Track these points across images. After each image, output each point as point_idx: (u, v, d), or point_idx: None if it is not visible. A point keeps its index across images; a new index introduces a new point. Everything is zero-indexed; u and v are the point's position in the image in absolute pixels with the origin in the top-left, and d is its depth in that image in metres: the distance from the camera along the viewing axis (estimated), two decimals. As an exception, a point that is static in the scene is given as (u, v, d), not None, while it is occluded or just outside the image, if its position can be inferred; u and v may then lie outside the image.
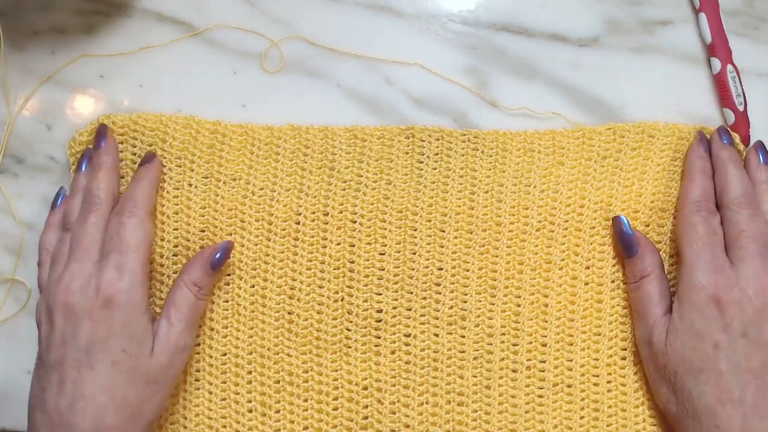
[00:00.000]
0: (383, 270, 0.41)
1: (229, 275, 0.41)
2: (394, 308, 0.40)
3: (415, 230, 0.41)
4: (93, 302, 0.36)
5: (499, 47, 0.44)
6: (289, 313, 0.40)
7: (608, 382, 0.40)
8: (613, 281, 0.41)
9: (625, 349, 0.40)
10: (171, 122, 0.41)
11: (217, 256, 0.39)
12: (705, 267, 0.37)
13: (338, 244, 0.41)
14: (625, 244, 0.40)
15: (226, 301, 0.40)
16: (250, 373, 0.40)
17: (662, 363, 0.37)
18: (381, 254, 0.41)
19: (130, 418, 0.35)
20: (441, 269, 0.41)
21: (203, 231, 0.41)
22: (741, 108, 0.43)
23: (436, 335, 0.40)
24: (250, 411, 0.40)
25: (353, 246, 0.41)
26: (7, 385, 0.41)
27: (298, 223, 0.41)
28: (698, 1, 0.44)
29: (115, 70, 0.43)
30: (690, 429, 0.37)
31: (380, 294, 0.40)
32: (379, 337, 0.40)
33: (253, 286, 0.41)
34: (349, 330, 0.40)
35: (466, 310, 0.40)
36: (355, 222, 0.41)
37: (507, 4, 0.45)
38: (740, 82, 0.43)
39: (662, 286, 0.39)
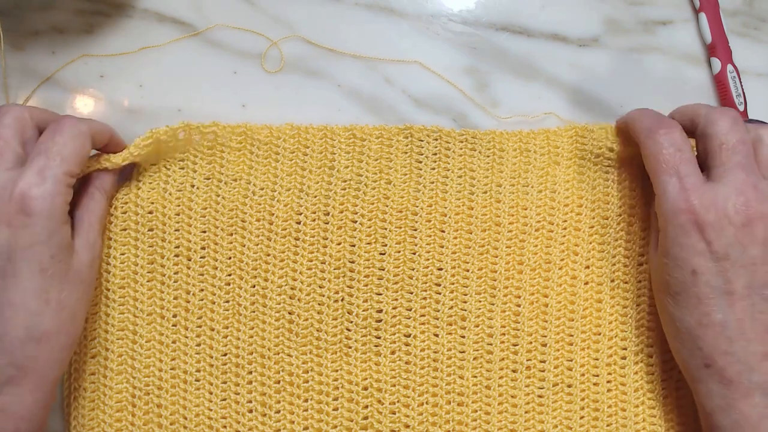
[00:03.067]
0: (383, 270, 0.41)
1: (229, 275, 0.41)
2: (394, 308, 0.40)
3: (415, 230, 0.41)
4: (8, 206, 0.33)
5: (499, 47, 0.44)
6: (289, 313, 0.40)
7: (608, 382, 0.40)
8: (612, 280, 0.41)
9: (625, 349, 0.40)
10: (166, 135, 0.40)
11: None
12: (674, 191, 0.35)
13: (339, 243, 0.41)
14: None
15: (227, 302, 0.40)
16: (250, 373, 0.40)
17: (653, 280, 0.38)
18: (381, 254, 0.41)
19: (68, 320, 0.35)
20: (441, 269, 0.41)
21: (204, 232, 0.41)
22: (741, 108, 0.43)
23: (436, 335, 0.40)
24: (250, 411, 0.40)
25: (353, 246, 0.41)
26: (7, 385, 0.41)
27: (299, 223, 0.41)
28: (698, 1, 0.44)
29: (115, 70, 0.43)
30: (675, 348, 0.36)
31: (380, 294, 0.41)
32: (379, 337, 0.40)
33: (254, 286, 0.41)
34: (349, 330, 0.40)
35: (466, 310, 0.40)
36: (355, 222, 0.41)
37: (507, 4, 0.45)
38: (740, 82, 0.43)
39: None
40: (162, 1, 0.44)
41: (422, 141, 0.42)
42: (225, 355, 0.40)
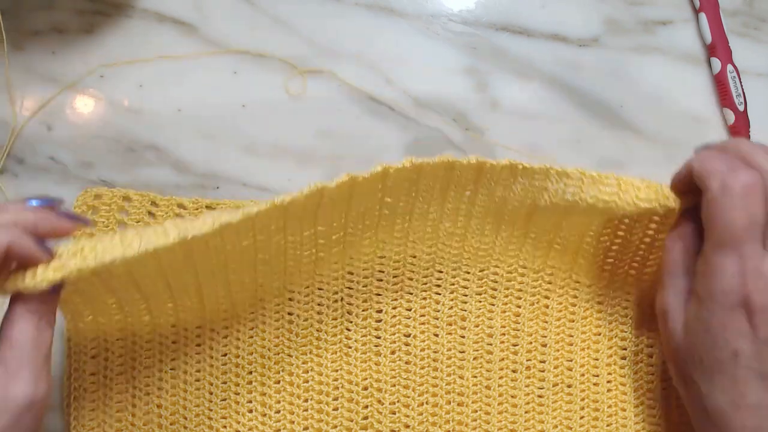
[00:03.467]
0: (383, 272, 0.41)
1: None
2: (394, 308, 0.40)
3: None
4: None
5: (499, 47, 0.44)
6: (288, 313, 0.40)
7: (608, 381, 0.40)
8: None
9: (624, 349, 0.40)
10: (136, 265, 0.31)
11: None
12: (731, 272, 0.31)
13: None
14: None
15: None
16: (250, 373, 0.40)
17: (673, 345, 0.35)
18: (380, 257, 0.41)
19: None
20: (441, 272, 0.41)
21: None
22: (741, 108, 0.43)
23: (436, 335, 0.40)
24: (250, 411, 0.40)
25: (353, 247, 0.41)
26: (7, 385, 0.41)
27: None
28: (698, 1, 0.44)
29: (115, 70, 0.43)
30: (698, 426, 0.35)
31: (380, 295, 0.41)
32: (379, 338, 0.40)
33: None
34: (349, 330, 0.40)
35: (466, 311, 0.40)
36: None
37: (507, 4, 0.45)
38: (740, 82, 0.43)
39: (689, 258, 0.34)
40: (162, 1, 0.44)
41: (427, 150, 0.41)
42: (225, 355, 0.40)
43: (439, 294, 0.41)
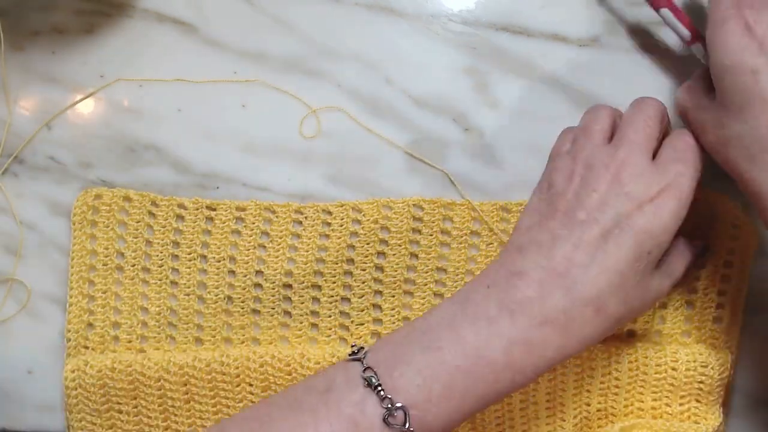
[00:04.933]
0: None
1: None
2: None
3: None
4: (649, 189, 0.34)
5: (499, 47, 0.44)
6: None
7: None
8: None
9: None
10: None
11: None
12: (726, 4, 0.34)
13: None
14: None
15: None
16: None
17: (710, 137, 0.36)
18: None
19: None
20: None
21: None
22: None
23: None
24: None
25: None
26: (7, 385, 0.41)
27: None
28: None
29: (115, 70, 0.43)
30: (740, 168, 0.34)
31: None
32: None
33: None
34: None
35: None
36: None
37: (507, 4, 0.45)
38: None
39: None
40: (162, 1, 0.44)
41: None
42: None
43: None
